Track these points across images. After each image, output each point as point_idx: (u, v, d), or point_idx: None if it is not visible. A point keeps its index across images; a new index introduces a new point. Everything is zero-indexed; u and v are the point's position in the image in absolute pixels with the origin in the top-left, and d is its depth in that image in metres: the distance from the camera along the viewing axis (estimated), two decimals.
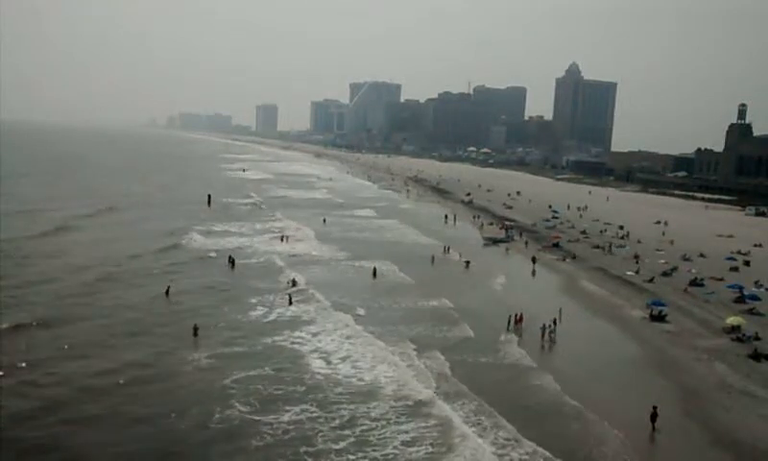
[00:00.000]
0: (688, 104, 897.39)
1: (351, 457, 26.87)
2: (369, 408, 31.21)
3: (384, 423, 29.85)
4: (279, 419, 29.55)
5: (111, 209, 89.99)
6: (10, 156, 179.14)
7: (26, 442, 26.61)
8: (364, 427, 29.29)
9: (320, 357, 37.76)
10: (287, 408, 30.65)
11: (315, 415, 30.20)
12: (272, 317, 45.20)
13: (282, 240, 74.27)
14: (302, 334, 41.63)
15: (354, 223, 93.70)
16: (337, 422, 29.72)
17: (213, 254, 64.27)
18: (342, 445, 27.70)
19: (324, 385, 33.74)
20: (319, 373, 35.41)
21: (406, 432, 29.09)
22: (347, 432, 28.79)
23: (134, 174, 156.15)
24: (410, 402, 32.07)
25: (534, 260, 68.33)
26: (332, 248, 71.80)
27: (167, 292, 48.94)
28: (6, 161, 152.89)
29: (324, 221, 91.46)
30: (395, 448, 27.75)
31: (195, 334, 39.89)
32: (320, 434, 28.48)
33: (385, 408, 31.28)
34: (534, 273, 65.21)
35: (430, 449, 27.79)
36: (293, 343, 39.99)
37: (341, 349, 39.40)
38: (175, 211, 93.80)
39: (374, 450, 27.40)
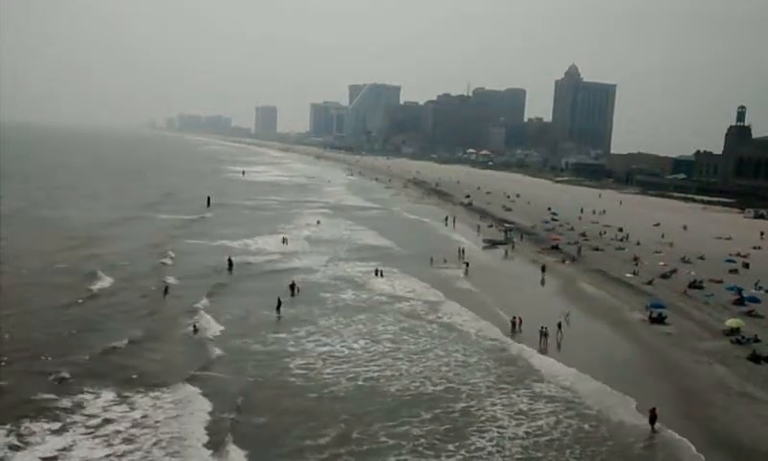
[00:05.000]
0: (687, 106, 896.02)
1: None
2: None
3: None
4: None
5: (204, 219, 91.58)
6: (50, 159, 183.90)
7: None
8: None
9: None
10: None
11: None
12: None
13: (284, 243, 74.75)
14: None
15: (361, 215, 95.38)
16: None
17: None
18: None
19: None
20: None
21: None
22: None
23: (179, 176, 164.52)
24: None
25: (543, 269, 66.20)
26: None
27: (165, 291, 49.92)
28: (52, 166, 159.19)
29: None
30: None
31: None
32: None
33: None
34: (543, 282, 62.98)
35: None
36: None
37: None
38: (242, 214, 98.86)
39: None
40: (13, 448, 26.31)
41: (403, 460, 27.28)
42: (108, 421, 28.95)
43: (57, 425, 28.27)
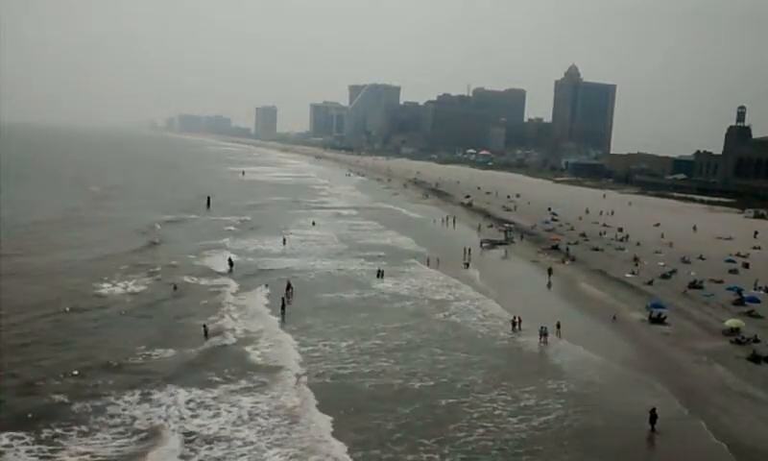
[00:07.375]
0: (687, 106, 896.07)
1: None
2: None
3: None
4: None
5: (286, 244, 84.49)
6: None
7: None
8: None
9: None
10: None
11: None
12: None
13: (284, 243, 74.87)
14: None
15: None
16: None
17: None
18: None
19: None
20: None
21: None
22: None
23: (199, 178, 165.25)
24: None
25: (550, 272, 65.11)
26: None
27: (174, 287, 51.21)
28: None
29: None
30: None
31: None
32: None
33: None
34: (550, 285, 61.89)
35: None
36: None
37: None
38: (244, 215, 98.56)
39: None
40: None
41: (373, 454, 27.41)
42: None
43: None
